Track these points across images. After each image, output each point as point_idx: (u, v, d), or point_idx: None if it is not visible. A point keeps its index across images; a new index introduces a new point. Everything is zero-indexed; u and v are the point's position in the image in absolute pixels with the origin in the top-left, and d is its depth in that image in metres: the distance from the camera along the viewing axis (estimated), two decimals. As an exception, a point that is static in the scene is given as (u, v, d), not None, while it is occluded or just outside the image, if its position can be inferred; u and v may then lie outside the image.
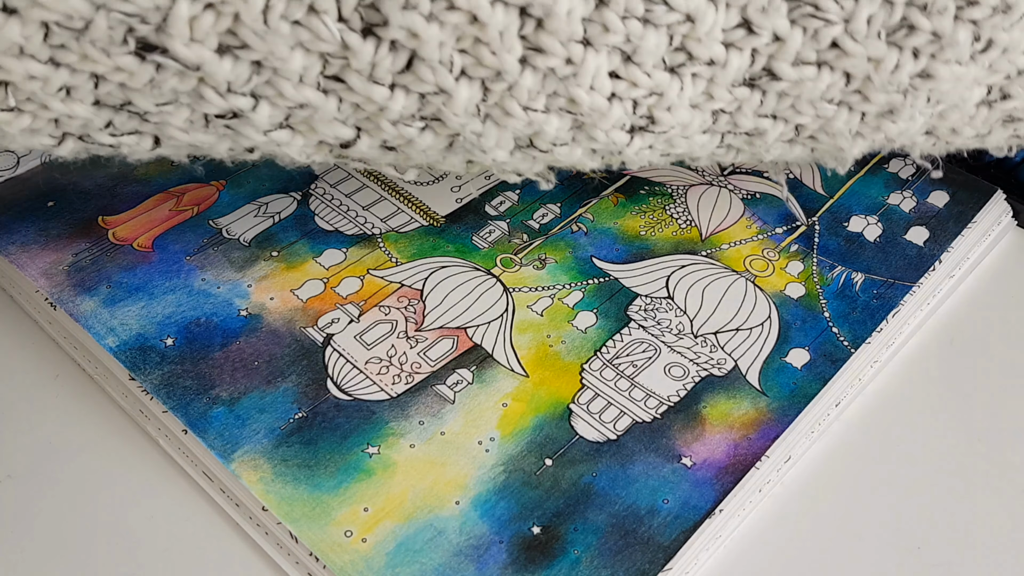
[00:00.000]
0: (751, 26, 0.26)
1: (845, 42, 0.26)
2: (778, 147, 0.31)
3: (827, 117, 0.29)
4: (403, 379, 0.32)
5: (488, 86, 0.26)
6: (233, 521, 0.29)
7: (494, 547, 0.28)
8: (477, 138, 0.27)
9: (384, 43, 0.24)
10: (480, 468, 0.29)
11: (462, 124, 0.26)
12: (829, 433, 0.32)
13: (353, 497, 0.28)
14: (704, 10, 0.25)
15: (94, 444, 0.31)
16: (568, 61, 0.25)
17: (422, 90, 0.25)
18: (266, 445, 0.29)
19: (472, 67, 0.25)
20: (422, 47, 0.24)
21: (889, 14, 0.26)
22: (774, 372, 0.32)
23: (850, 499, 0.30)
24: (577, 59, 0.25)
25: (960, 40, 0.27)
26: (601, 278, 0.35)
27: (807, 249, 0.37)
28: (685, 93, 0.27)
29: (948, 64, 0.27)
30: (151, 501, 0.30)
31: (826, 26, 0.26)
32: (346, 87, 0.25)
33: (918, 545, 0.29)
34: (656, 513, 0.29)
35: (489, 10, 0.24)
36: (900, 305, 0.35)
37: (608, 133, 0.27)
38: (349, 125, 0.27)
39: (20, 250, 0.34)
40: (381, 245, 0.36)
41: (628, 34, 0.25)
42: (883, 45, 0.27)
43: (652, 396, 0.32)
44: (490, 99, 0.26)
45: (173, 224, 0.36)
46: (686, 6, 0.25)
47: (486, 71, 0.25)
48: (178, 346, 0.32)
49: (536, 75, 0.25)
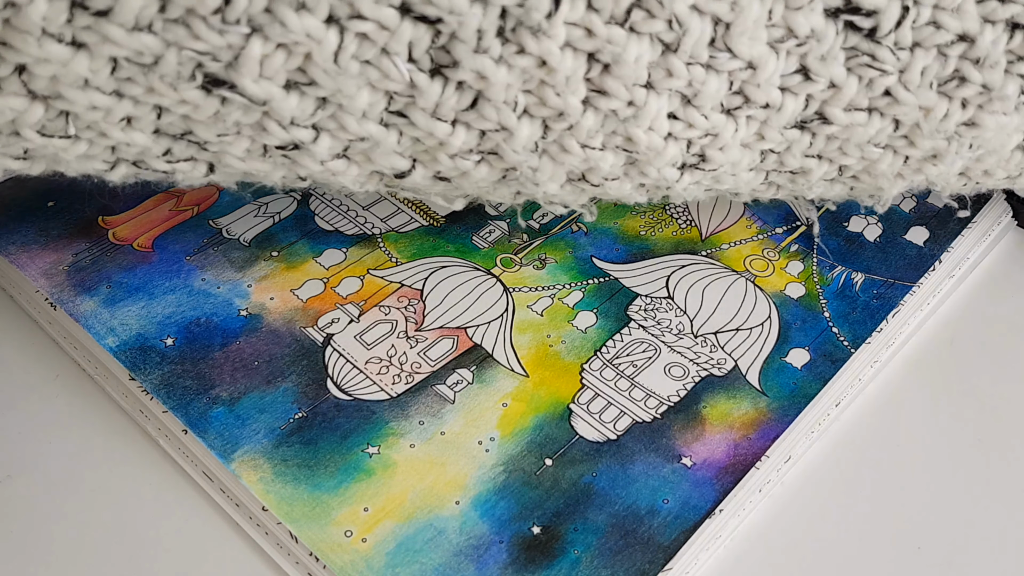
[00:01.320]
0: (809, 73, 0.26)
1: (898, 91, 0.27)
2: (820, 186, 0.31)
3: (872, 159, 0.29)
4: (403, 379, 0.32)
5: (549, 124, 0.26)
6: (233, 521, 0.29)
7: (494, 547, 0.28)
8: (532, 172, 0.27)
9: (451, 83, 0.24)
10: (480, 468, 0.29)
11: (520, 160, 0.27)
12: (829, 433, 0.32)
13: (353, 497, 0.28)
14: (766, 58, 0.26)
15: (94, 444, 0.31)
16: (630, 103, 0.26)
17: (483, 127, 0.26)
18: (266, 445, 0.29)
19: (535, 106, 0.25)
20: (489, 88, 0.24)
21: (943, 66, 0.27)
22: (774, 372, 0.32)
23: (850, 499, 0.30)
24: (640, 102, 0.26)
25: (1009, 93, 0.27)
26: (601, 278, 0.35)
27: (807, 249, 0.37)
28: (739, 134, 0.27)
29: (994, 114, 0.28)
30: (151, 501, 0.30)
31: (882, 76, 0.27)
32: (408, 122, 0.25)
33: (918, 545, 0.29)
34: (656, 513, 0.29)
35: (559, 56, 0.24)
36: (900, 305, 0.35)
37: (660, 170, 0.28)
38: (406, 157, 0.27)
39: (20, 250, 0.34)
40: (381, 245, 0.36)
41: (691, 79, 0.25)
42: (934, 95, 0.27)
43: (652, 396, 0.32)
44: (549, 136, 0.26)
45: (173, 224, 0.36)
46: (749, 53, 0.25)
47: (549, 111, 0.25)
48: (178, 346, 0.32)
49: (597, 116, 0.26)
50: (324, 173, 0.27)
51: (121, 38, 0.22)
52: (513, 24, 0.23)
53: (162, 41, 0.22)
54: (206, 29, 0.22)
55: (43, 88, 0.23)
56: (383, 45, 0.23)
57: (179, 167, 0.27)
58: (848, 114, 0.27)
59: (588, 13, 0.24)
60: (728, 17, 0.25)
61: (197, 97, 0.24)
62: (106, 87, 0.23)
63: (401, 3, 0.23)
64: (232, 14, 0.22)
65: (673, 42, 0.25)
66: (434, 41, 0.24)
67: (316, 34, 0.22)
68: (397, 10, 0.23)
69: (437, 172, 0.28)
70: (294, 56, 0.23)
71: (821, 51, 0.26)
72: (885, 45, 0.26)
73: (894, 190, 0.31)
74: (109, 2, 0.21)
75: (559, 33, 0.24)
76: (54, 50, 0.22)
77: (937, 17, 0.26)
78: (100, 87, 0.23)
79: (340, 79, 0.23)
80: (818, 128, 0.28)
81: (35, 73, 0.22)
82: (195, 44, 0.22)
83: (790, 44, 0.26)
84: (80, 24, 0.22)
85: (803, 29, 0.25)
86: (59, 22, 0.21)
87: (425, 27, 0.23)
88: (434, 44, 0.24)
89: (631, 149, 0.27)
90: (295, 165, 0.27)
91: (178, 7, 0.22)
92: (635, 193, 0.29)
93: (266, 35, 0.22)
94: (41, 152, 0.25)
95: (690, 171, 0.28)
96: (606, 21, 0.24)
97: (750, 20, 0.25)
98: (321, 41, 0.23)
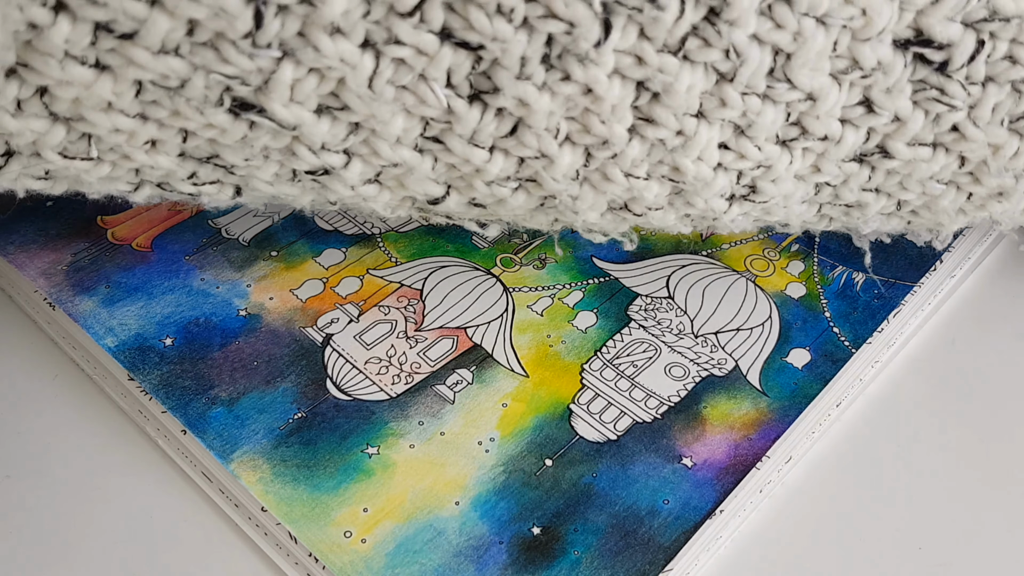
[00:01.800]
0: (872, 106, 0.25)
1: (967, 127, 0.26)
2: (876, 220, 0.30)
3: (934, 195, 0.28)
4: (403, 379, 0.31)
5: (591, 152, 0.25)
6: (232, 522, 0.29)
7: (494, 548, 0.27)
8: (572, 201, 0.26)
9: (490, 109, 0.24)
10: (480, 468, 0.29)
11: (559, 188, 0.26)
12: (830, 433, 0.32)
13: (353, 497, 0.28)
14: (828, 89, 0.24)
15: (93, 444, 0.31)
16: (679, 133, 0.24)
17: (523, 154, 0.25)
18: (265, 445, 0.29)
19: (577, 134, 0.24)
20: (530, 116, 0.23)
21: (1016, 103, 0.25)
22: (775, 372, 0.32)
23: (851, 499, 0.30)
24: (690, 132, 0.24)
25: None
26: (601, 278, 0.35)
27: (808, 249, 0.37)
28: (793, 166, 0.26)
29: None
30: (150, 502, 0.29)
31: (950, 111, 0.25)
32: (444, 148, 0.25)
33: (918, 545, 0.29)
34: (656, 514, 0.28)
35: (606, 84, 0.23)
36: (901, 305, 0.35)
37: (708, 201, 0.26)
38: (440, 183, 0.26)
39: (19, 250, 0.34)
40: (381, 245, 0.36)
41: (746, 110, 0.24)
42: (1005, 132, 0.26)
43: (652, 396, 0.31)
44: (591, 164, 0.25)
45: (172, 224, 0.36)
46: (810, 85, 0.24)
47: (592, 139, 0.24)
48: (177, 346, 0.32)
49: (644, 144, 0.25)
50: (355, 198, 0.26)
51: (147, 61, 0.21)
52: (559, 51, 0.22)
53: (189, 64, 0.21)
54: (236, 53, 0.21)
55: (65, 110, 0.22)
56: (421, 71, 0.22)
57: (205, 189, 0.26)
58: (911, 149, 0.26)
59: (640, 41, 0.22)
60: (790, 48, 0.23)
61: (224, 121, 0.23)
62: (130, 110, 0.23)
63: (442, 28, 0.22)
64: (263, 38, 0.21)
65: (729, 72, 0.23)
66: (475, 67, 0.23)
67: (351, 59, 0.22)
68: (437, 36, 0.22)
69: (472, 199, 0.27)
70: (327, 81, 0.22)
71: (887, 84, 0.24)
72: (956, 79, 0.25)
73: (955, 226, 0.30)
74: (135, 25, 0.21)
75: (608, 61, 0.22)
76: (77, 72, 0.21)
77: (1014, 52, 0.24)
78: (124, 110, 0.22)
79: (374, 105, 0.23)
80: (878, 162, 0.27)
81: (57, 95, 0.22)
82: (224, 68, 0.21)
83: (854, 76, 0.24)
84: (104, 47, 0.21)
85: (870, 61, 0.24)
86: (82, 44, 0.21)
87: (466, 53, 0.22)
88: (474, 70, 0.23)
89: (677, 179, 0.26)
90: (325, 190, 0.26)
91: (207, 30, 0.21)
92: (679, 223, 0.28)
93: (298, 59, 0.21)
94: (63, 173, 0.25)
95: (739, 202, 0.27)
96: (658, 49, 0.23)
97: (813, 51, 0.23)
98: (356, 66, 0.22)
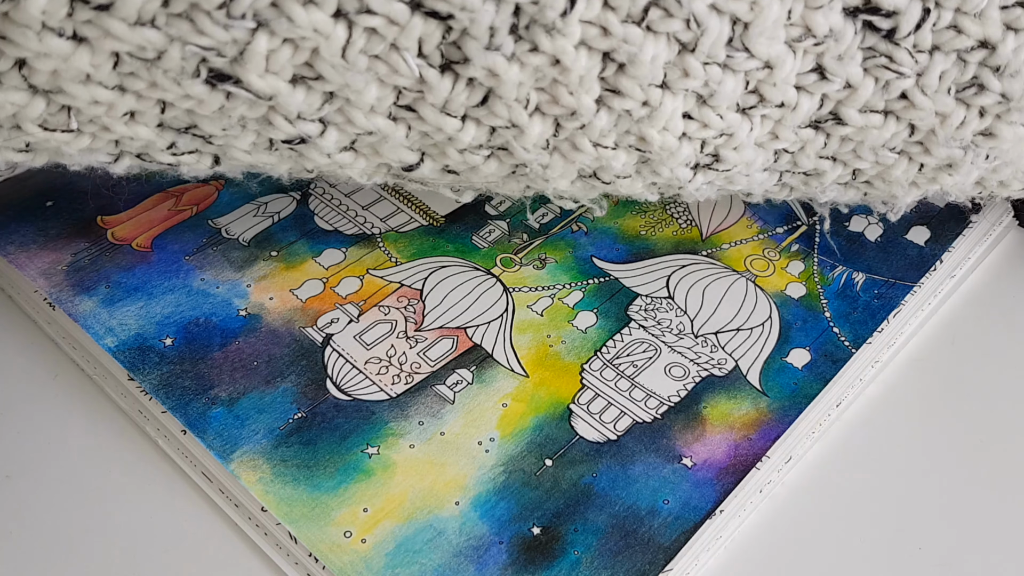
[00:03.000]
0: (825, 72, 0.26)
1: (915, 95, 0.27)
2: (833, 189, 0.31)
3: (887, 165, 0.29)
4: (403, 379, 0.31)
5: (561, 123, 0.26)
6: (232, 522, 0.29)
7: (494, 548, 0.27)
8: (543, 169, 0.27)
9: (462, 79, 0.24)
10: (480, 468, 0.29)
11: (530, 157, 0.26)
12: (830, 433, 0.32)
13: (352, 497, 0.28)
14: (784, 57, 0.25)
15: (93, 444, 0.31)
16: (645, 104, 0.25)
17: (494, 124, 0.25)
18: (265, 445, 0.29)
19: (547, 104, 0.25)
20: (500, 86, 0.24)
21: (962, 72, 0.26)
22: (775, 372, 0.32)
23: (851, 499, 0.30)
24: (655, 102, 0.25)
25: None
26: (601, 278, 0.35)
27: (808, 249, 0.37)
28: (753, 133, 0.27)
29: (1012, 125, 0.27)
30: (150, 502, 0.29)
31: (899, 78, 0.26)
32: (417, 116, 0.25)
33: (918, 545, 0.29)
34: (656, 514, 0.28)
35: (573, 54, 0.24)
36: (901, 305, 0.35)
37: (673, 170, 0.27)
38: (415, 151, 0.27)
39: (19, 250, 0.34)
40: (381, 245, 0.36)
41: (708, 79, 0.25)
42: (952, 101, 0.27)
43: (652, 396, 0.31)
44: (561, 134, 0.26)
45: (172, 224, 0.36)
46: (767, 53, 0.25)
47: (561, 109, 0.25)
48: (177, 346, 0.32)
49: (611, 115, 0.25)
50: (331, 165, 0.27)
51: (123, 33, 0.22)
52: (527, 22, 0.23)
53: (165, 36, 0.22)
54: (210, 24, 0.22)
55: (44, 83, 0.23)
56: (392, 40, 0.23)
57: (184, 159, 0.27)
58: (863, 116, 0.27)
59: (604, 11, 0.23)
60: (747, 17, 0.24)
61: (201, 92, 0.23)
62: (108, 82, 0.23)
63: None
64: (237, 9, 0.22)
65: (690, 42, 0.24)
66: (445, 37, 0.23)
67: (324, 29, 0.22)
68: (407, 5, 0.22)
69: (446, 166, 0.27)
70: (301, 51, 0.23)
71: (839, 51, 0.25)
72: (904, 47, 0.26)
73: (908, 198, 0.31)
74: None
75: (574, 31, 0.23)
76: (54, 44, 0.22)
77: (958, 21, 0.25)
78: (102, 82, 0.23)
79: (348, 74, 0.23)
80: (832, 129, 0.28)
81: (35, 68, 0.22)
82: (199, 39, 0.22)
83: (807, 43, 0.25)
84: (81, 18, 0.21)
85: (822, 28, 0.25)
86: (59, 16, 0.21)
87: (436, 23, 0.23)
88: (445, 40, 0.23)
89: (644, 148, 0.27)
90: (302, 158, 0.27)
91: (182, 2, 0.21)
92: (646, 191, 0.29)
93: (272, 30, 0.22)
94: (43, 145, 0.25)
95: (703, 171, 0.28)
96: (623, 20, 0.23)
97: (770, 20, 0.24)
98: (329, 36, 0.22)
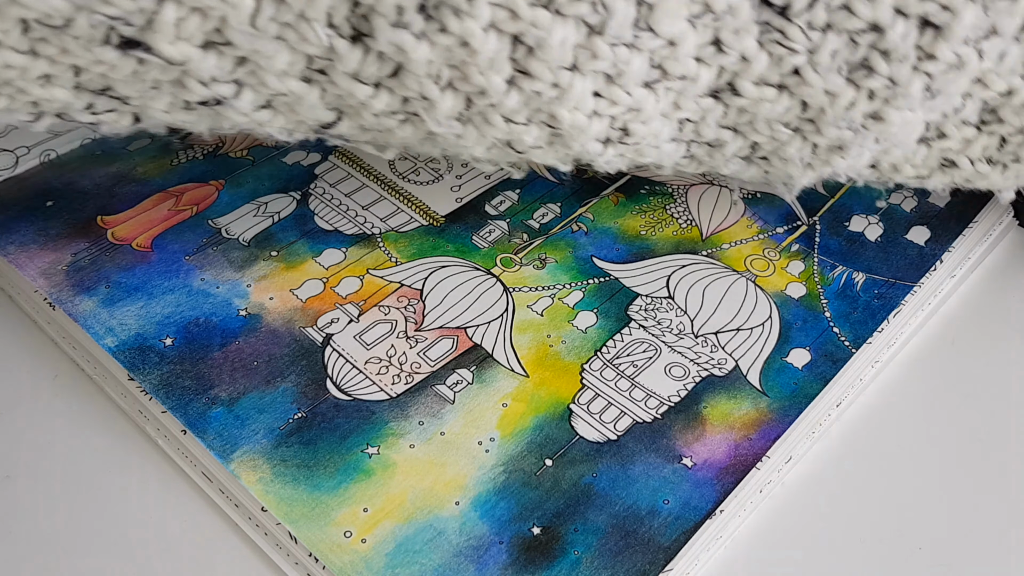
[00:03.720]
0: (721, 45, 0.27)
1: (806, 72, 0.27)
2: (735, 163, 0.31)
3: (781, 141, 0.29)
4: (403, 379, 0.31)
5: (472, 99, 0.26)
6: (232, 522, 0.29)
7: (494, 548, 0.27)
8: (456, 138, 0.27)
9: (372, 52, 0.24)
10: (480, 468, 0.29)
11: (442, 129, 0.27)
12: (830, 433, 0.32)
13: (353, 497, 0.28)
14: (686, 34, 0.26)
15: (93, 444, 0.31)
16: (555, 85, 0.25)
17: (406, 94, 0.25)
18: (265, 445, 0.29)
19: (458, 81, 0.25)
20: (409, 63, 0.24)
21: (852, 52, 0.27)
22: (775, 372, 0.32)
23: (851, 499, 0.30)
24: (564, 84, 0.25)
25: (913, 91, 0.27)
26: (601, 278, 0.35)
27: (808, 249, 0.37)
28: (658, 106, 0.27)
29: (900, 110, 0.28)
30: (150, 502, 0.29)
31: (791, 54, 0.27)
32: (330, 80, 0.25)
33: (918, 545, 0.29)
34: (656, 514, 0.28)
35: (482, 37, 0.24)
36: (901, 305, 0.35)
37: (584, 145, 0.27)
38: (331, 110, 0.27)
39: (19, 250, 0.34)
40: (381, 245, 0.36)
41: (616, 60, 0.25)
42: (842, 81, 0.27)
43: (652, 396, 0.31)
44: (473, 109, 0.26)
45: (172, 224, 0.36)
46: (671, 31, 0.25)
47: (472, 87, 0.25)
48: (177, 346, 0.32)
49: (521, 95, 0.26)
50: (250, 123, 0.27)
51: (27, 0, 0.22)
52: (436, 1, 0.23)
53: (71, 4, 0.22)
54: None
55: None
56: (301, 10, 0.23)
57: (103, 118, 0.27)
58: (758, 88, 0.28)
59: None
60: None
61: (113, 58, 0.23)
62: (20, 46, 0.23)
63: None
64: None
65: (598, 24, 0.25)
66: (353, 10, 0.23)
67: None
68: None
69: (362, 124, 0.28)
70: (210, 19, 0.23)
71: (735, 25, 0.26)
72: (796, 24, 0.26)
73: (804, 179, 0.31)
74: None
75: (482, 14, 0.23)
76: None
77: (851, 2, 0.26)
78: (13, 46, 0.23)
79: (258, 41, 0.23)
80: (730, 99, 0.28)
81: None
82: (105, 8, 0.22)
83: (707, 19, 0.26)
84: None
85: (720, 5, 0.25)
86: None
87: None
88: (354, 12, 0.23)
89: (555, 125, 0.27)
90: (220, 117, 0.27)
91: None
92: (560, 162, 0.30)
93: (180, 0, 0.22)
94: None
95: (614, 145, 0.28)
96: (531, 3, 0.24)
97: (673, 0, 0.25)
98: (236, 5, 0.22)
